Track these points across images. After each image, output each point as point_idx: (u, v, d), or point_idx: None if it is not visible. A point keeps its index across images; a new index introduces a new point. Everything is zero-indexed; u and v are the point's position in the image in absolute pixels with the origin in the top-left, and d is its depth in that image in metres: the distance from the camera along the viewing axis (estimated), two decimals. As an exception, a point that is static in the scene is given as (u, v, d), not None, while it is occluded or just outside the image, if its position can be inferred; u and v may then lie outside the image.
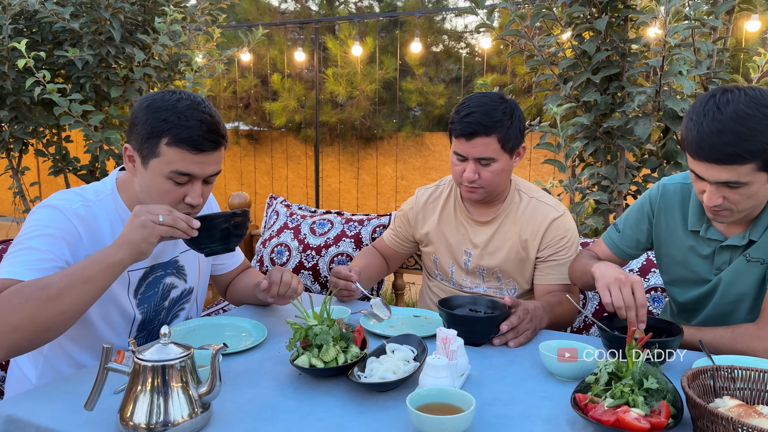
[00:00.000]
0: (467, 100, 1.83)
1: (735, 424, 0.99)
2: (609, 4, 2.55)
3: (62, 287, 1.26)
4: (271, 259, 2.58)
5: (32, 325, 1.24)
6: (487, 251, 1.96)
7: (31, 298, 1.24)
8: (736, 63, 4.30)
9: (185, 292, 1.73)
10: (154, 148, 1.41)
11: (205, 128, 1.41)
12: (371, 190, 7.07)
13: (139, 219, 1.32)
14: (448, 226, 2.03)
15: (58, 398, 1.23)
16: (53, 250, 1.38)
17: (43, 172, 4.34)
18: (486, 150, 1.79)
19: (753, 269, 1.53)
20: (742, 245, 1.53)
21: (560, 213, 1.92)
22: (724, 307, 1.60)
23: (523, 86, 5.89)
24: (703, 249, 1.61)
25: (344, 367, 1.30)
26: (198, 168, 1.43)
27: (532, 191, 1.99)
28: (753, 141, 1.31)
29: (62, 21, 3.08)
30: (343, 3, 8.03)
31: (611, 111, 2.65)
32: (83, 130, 3.13)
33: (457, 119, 1.81)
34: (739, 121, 1.32)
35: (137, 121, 1.44)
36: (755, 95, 1.34)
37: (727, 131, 1.32)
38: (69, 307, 1.27)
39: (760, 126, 1.31)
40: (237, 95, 7.32)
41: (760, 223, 1.51)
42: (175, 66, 3.48)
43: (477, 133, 1.77)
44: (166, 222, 1.33)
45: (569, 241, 1.91)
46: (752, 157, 1.32)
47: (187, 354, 1.13)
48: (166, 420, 1.08)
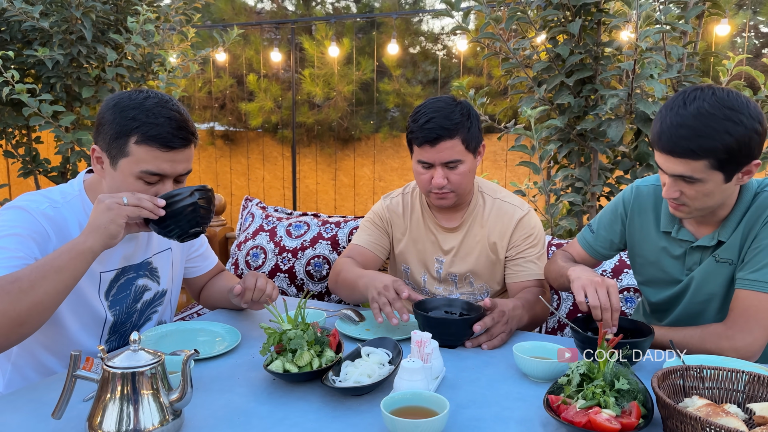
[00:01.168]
0: (422, 107, 1.82)
1: (703, 423, 1.00)
2: (582, 7, 2.58)
3: (33, 279, 1.24)
4: (247, 261, 2.56)
5: (6, 319, 1.22)
6: (458, 257, 1.97)
7: (2, 293, 1.22)
8: (706, 66, 4.39)
9: (158, 294, 1.70)
10: (123, 147, 1.40)
11: (174, 125, 1.41)
12: (349, 191, 7.06)
13: (103, 203, 1.32)
14: (418, 235, 2.01)
15: (24, 406, 1.21)
16: (22, 248, 1.35)
17: (12, 173, 4.25)
18: (452, 153, 1.78)
19: (722, 270, 1.56)
20: (712, 246, 1.56)
21: (525, 212, 1.94)
22: (695, 306, 1.63)
23: (500, 88, 5.93)
24: (674, 249, 1.64)
25: (319, 371, 1.30)
26: (169, 166, 1.42)
27: (495, 192, 2.00)
28: (708, 139, 1.35)
29: (31, 20, 3.01)
30: (320, 3, 8.01)
31: (584, 114, 2.68)
32: (54, 131, 3.07)
33: (417, 127, 1.79)
34: (699, 118, 1.36)
35: (104, 121, 1.42)
36: (722, 96, 1.38)
37: (686, 126, 1.37)
38: (42, 298, 1.25)
39: (718, 125, 1.35)
40: (212, 95, 7.25)
41: (728, 225, 1.54)
42: (148, 66, 3.43)
43: (441, 138, 1.76)
44: (131, 202, 1.33)
45: (535, 239, 1.93)
46: (705, 154, 1.36)
47: (158, 360, 1.11)
48: (137, 428, 1.06)
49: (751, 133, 1.36)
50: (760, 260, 1.48)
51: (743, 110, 1.36)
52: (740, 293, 1.51)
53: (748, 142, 1.36)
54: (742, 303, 1.49)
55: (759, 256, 1.49)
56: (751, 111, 1.37)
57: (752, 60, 5.41)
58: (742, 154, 1.38)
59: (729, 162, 1.38)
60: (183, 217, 1.41)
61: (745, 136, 1.36)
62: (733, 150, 1.36)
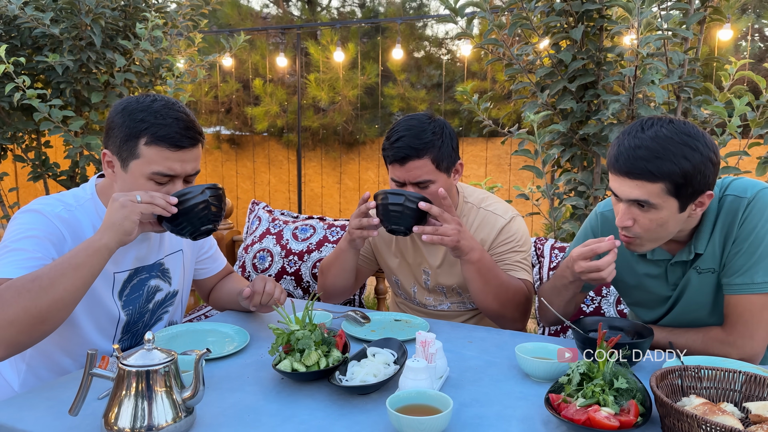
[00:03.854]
0: (396, 125, 1.81)
1: (699, 421, 1.03)
2: (585, 14, 2.61)
3: (53, 277, 1.29)
4: (254, 264, 2.60)
5: (28, 317, 1.26)
6: (443, 270, 1.98)
7: (23, 291, 1.26)
8: (709, 71, 4.41)
9: (169, 294, 1.74)
10: (133, 149, 1.45)
11: (182, 125, 1.46)
12: (354, 194, 7.09)
13: (118, 201, 1.37)
14: (405, 248, 2.03)
15: (41, 404, 1.24)
16: (40, 249, 1.40)
17: (21, 177, 4.30)
18: (421, 173, 1.76)
19: (706, 279, 1.57)
20: (690, 259, 1.56)
21: (507, 219, 1.93)
22: (687, 315, 1.64)
23: (504, 92, 5.97)
24: (653, 270, 1.63)
25: (326, 370, 1.33)
26: (178, 166, 1.47)
27: (481, 200, 1.99)
28: (665, 161, 1.36)
29: (42, 26, 3.07)
30: (325, 9, 8.06)
31: (587, 118, 2.71)
32: (63, 136, 3.11)
33: (388, 145, 1.79)
34: (657, 140, 1.38)
35: (114, 125, 1.47)
36: (679, 124, 1.40)
37: (643, 147, 1.38)
38: (62, 295, 1.29)
39: (674, 149, 1.36)
40: (218, 100, 7.31)
41: (701, 236, 1.53)
42: (156, 71, 3.48)
43: (409, 157, 1.75)
44: (144, 200, 1.38)
45: (516, 243, 1.92)
46: (662, 176, 1.37)
47: (171, 359, 1.15)
48: (151, 424, 1.10)
49: (706, 161, 1.38)
50: (744, 263, 1.48)
51: (699, 138, 1.39)
52: (731, 299, 1.51)
53: (703, 170, 1.38)
54: (736, 308, 1.51)
55: (741, 260, 1.49)
56: (707, 140, 1.39)
57: (756, 64, 5.43)
58: (697, 182, 1.38)
59: (684, 188, 1.38)
60: (195, 215, 1.45)
61: (701, 164, 1.37)
62: (689, 175, 1.37)
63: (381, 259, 2.12)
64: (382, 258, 2.11)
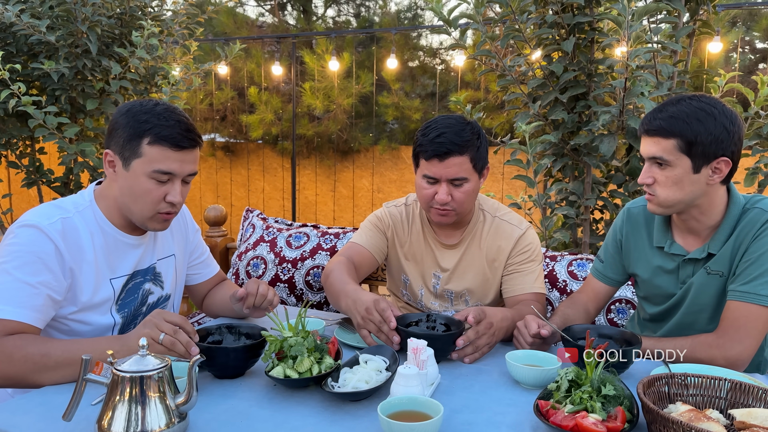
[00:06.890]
0: (433, 123, 1.82)
1: (685, 427, 1.05)
2: (576, 26, 2.65)
3: (60, 362, 1.36)
4: (247, 272, 2.61)
5: (24, 382, 1.38)
6: (455, 275, 1.99)
7: (30, 361, 1.35)
8: (698, 83, 4.47)
9: (162, 298, 1.76)
10: (136, 148, 1.50)
11: (183, 127, 1.53)
12: (348, 202, 7.11)
13: (144, 330, 1.39)
14: (417, 249, 2.03)
15: (35, 409, 1.25)
16: (39, 278, 1.44)
17: (15, 184, 4.30)
18: (460, 170, 1.78)
19: (713, 281, 1.63)
20: (703, 258, 1.63)
21: (523, 230, 1.96)
22: (688, 317, 1.70)
23: (497, 102, 6.01)
24: (668, 264, 1.71)
25: (318, 377, 1.34)
26: (178, 166, 1.52)
27: (495, 210, 2.01)
28: (679, 120, 1.52)
29: (38, 33, 3.08)
30: (321, 18, 8.11)
31: (578, 129, 2.74)
32: (58, 143, 3.12)
33: (427, 141, 1.79)
34: (678, 105, 1.54)
35: (117, 125, 1.53)
36: (703, 96, 1.56)
37: (664, 110, 1.56)
38: (60, 378, 1.37)
39: (689, 110, 1.52)
40: (213, 107, 7.33)
41: (718, 237, 1.61)
42: (151, 79, 3.50)
43: (451, 153, 1.76)
44: (165, 343, 1.37)
45: (532, 254, 1.96)
46: (673, 133, 1.52)
47: (165, 365, 1.16)
48: (144, 429, 1.11)
49: (719, 126, 1.50)
50: (751, 273, 1.55)
51: (717, 106, 1.52)
52: (731, 304, 1.57)
53: (715, 134, 1.50)
54: (733, 313, 1.55)
55: (750, 269, 1.55)
56: (725, 110, 1.52)
57: (745, 76, 5.50)
58: (708, 143, 1.50)
59: (695, 146, 1.50)
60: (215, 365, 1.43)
61: (713, 128, 1.50)
62: (700, 136, 1.50)
63: (393, 254, 2.08)
64: (395, 253, 2.07)
